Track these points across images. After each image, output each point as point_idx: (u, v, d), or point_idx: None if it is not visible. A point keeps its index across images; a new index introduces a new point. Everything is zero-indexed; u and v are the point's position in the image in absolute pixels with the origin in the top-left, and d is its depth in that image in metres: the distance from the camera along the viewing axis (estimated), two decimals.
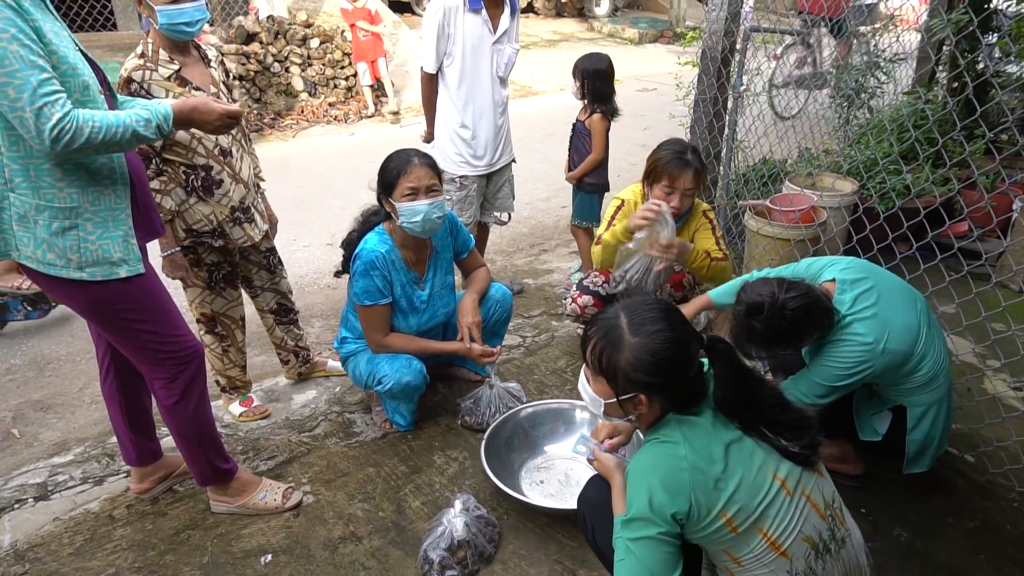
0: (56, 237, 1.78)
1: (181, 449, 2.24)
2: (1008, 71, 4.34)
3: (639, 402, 1.52)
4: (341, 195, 5.54)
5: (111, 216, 1.85)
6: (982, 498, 2.42)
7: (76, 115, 1.64)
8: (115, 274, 1.86)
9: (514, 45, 3.38)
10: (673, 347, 1.49)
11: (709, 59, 3.79)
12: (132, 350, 2.04)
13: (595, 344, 1.56)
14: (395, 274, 2.60)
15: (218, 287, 2.65)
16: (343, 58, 8.44)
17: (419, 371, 2.60)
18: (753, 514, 1.44)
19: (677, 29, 13.01)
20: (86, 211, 1.81)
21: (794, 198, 3.62)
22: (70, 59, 1.72)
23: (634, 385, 1.50)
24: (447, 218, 2.73)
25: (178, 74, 2.32)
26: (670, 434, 1.49)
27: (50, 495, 2.48)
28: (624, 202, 3.00)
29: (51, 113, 1.60)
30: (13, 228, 1.78)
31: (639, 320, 1.52)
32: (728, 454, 1.46)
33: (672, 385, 1.51)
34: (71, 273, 1.81)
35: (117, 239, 1.86)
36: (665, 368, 1.48)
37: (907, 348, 2.05)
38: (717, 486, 1.43)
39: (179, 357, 2.06)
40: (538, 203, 5.54)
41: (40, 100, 1.59)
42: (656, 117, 7.04)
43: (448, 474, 2.54)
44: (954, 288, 2.68)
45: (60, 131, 1.61)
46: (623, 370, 1.50)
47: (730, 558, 1.49)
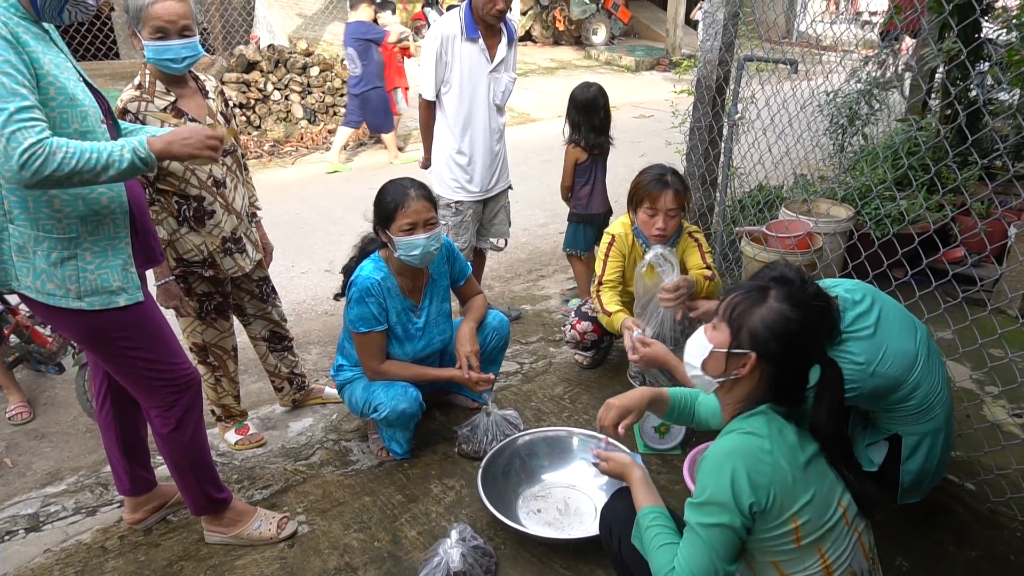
0: (55, 267, 1.78)
1: (175, 478, 2.22)
2: (1000, 98, 4.39)
3: (746, 362, 1.53)
4: (339, 222, 5.57)
5: (110, 245, 1.86)
6: (984, 527, 2.40)
7: (49, 142, 1.61)
8: (114, 303, 1.86)
9: (511, 74, 3.42)
10: (806, 328, 1.51)
11: (704, 88, 3.84)
12: (128, 378, 2.03)
13: (735, 297, 1.58)
14: (390, 302, 2.60)
15: (209, 317, 2.64)
16: (342, 86, 8.53)
17: (415, 399, 2.58)
18: (819, 531, 1.47)
19: (673, 57, 13.17)
20: (85, 241, 1.81)
21: (790, 224, 3.64)
22: (68, 89, 1.73)
23: (753, 341, 1.52)
24: (444, 247, 2.74)
25: (174, 105, 2.33)
26: (758, 428, 1.50)
27: (42, 526, 2.45)
28: (614, 237, 3.04)
29: (23, 138, 1.57)
30: (12, 259, 1.79)
31: (788, 295, 1.54)
32: (808, 466, 1.49)
33: (784, 363, 1.52)
34: (70, 303, 1.81)
35: (116, 268, 1.87)
36: (790, 340, 1.50)
37: (899, 374, 2.04)
38: (794, 489, 1.45)
39: (176, 385, 2.05)
40: (535, 229, 5.57)
41: (13, 125, 1.57)
42: (653, 144, 7.10)
43: (445, 503, 2.52)
44: (950, 314, 2.68)
45: (30, 156, 1.57)
46: (752, 324, 1.52)
47: (778, 572, 1.50)
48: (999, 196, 3.92)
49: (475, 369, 2.66)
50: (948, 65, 3.87)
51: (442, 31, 3.17)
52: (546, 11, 14.13)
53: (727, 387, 1.60)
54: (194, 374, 2.11)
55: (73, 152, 1.64)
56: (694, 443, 2.66)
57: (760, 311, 1.52)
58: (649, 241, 2.91)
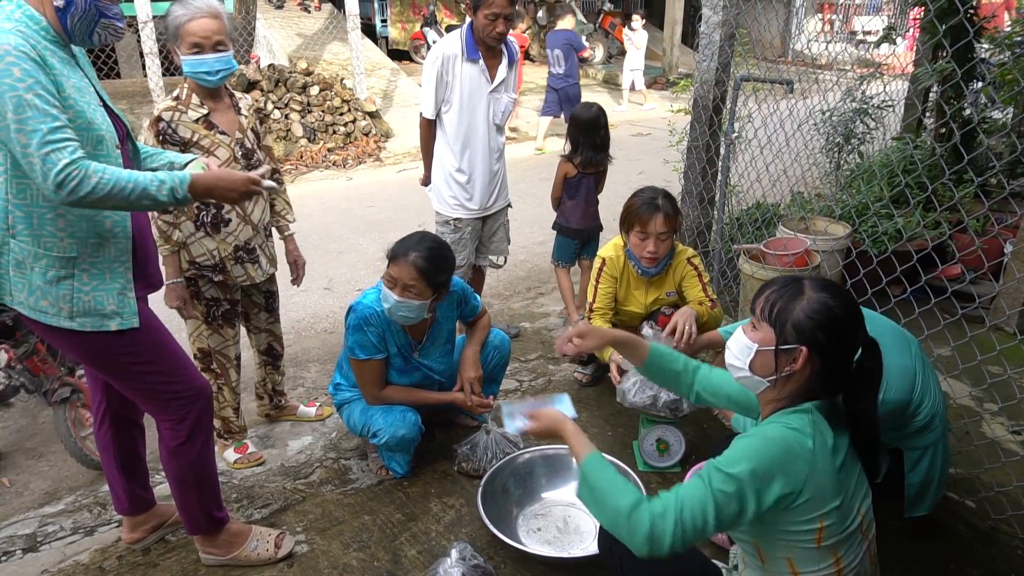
0: (50, 285, 1.79)
1: (176, 495, 2.20)
2: (994, 117, 4.44)
3: (797, 356, 1.49)
4: (339, 240, 5.58)
5: (109, 269, 1.87)
6: (985, 545, 2.39)
7: (86, 165, 1.65)
8: (105, 326, 1.86)
9: (511, 94, 3.46)
10: (849, 314, 1.49)
11: (701, 107, 3.87)
12: (137, 393, 2.04)
13: (770, 295, 1.55)
14: (390, 335, 2.58)
15: (215, 323, 2.68)
16: (342, 104, 8.60)
17: (414, 423, 2.58)
18: (840, 535, 1.47)
19: (670, 76, 13.29)
20: (84, 262, 1.82)
21: (787, 242, 3.66)
22: (87, 114, 1.76)
23: (800, 335, 1.48)
24: (456, 292, 2.72)
25: (206, 118, 2.45)
26: (802, 426, 1.48)
27: (39, 546, 2.43)
28: (605, 261, 3.06)
29: (57, 159, 1.62)
30: (9, 273, 1.80)
31: (824, 283, 1.53)
32: (841, 469, 1.48)
33: (834, 353, 1.50)
34: (62, 322, 1.82)
35: (112, 292, 1.87)
36: (836, 329, 1.48)
37: (905, 396, 2.05)
38: (827, 491, 1.45)
39: (184, 397, 2.04)
40: (534, 247, 5.58)
41: (48, 146, 1.61)
42: (650, 161, 7.15)
43: (444, 522, 2.51)
44: (949, 331, 2.69)
45: (66, 176, 1.62)
46: (795, 318, 1.49)
47: (790, 568, 1.50)
48: (995, 213, 3.95)
49: (476, 394, 2.67)
50: (943, 86, 3.91)
51: (443, 51, 3.21)
52: (544, 31, 14.27)
53: (779, 385, 1.55)
54: (204, 385, 2.11)
55: (109, 179, 1.67)
56: (694, 460, 2.65)
57: (801, 303, 1.50)
58: (641, 264, 2.93)
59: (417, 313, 2.47)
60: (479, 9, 3.12)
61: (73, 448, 2.76)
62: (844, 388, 1.54)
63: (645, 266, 2.93)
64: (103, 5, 1.76)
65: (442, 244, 2.57)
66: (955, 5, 2.98)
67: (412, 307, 2.44)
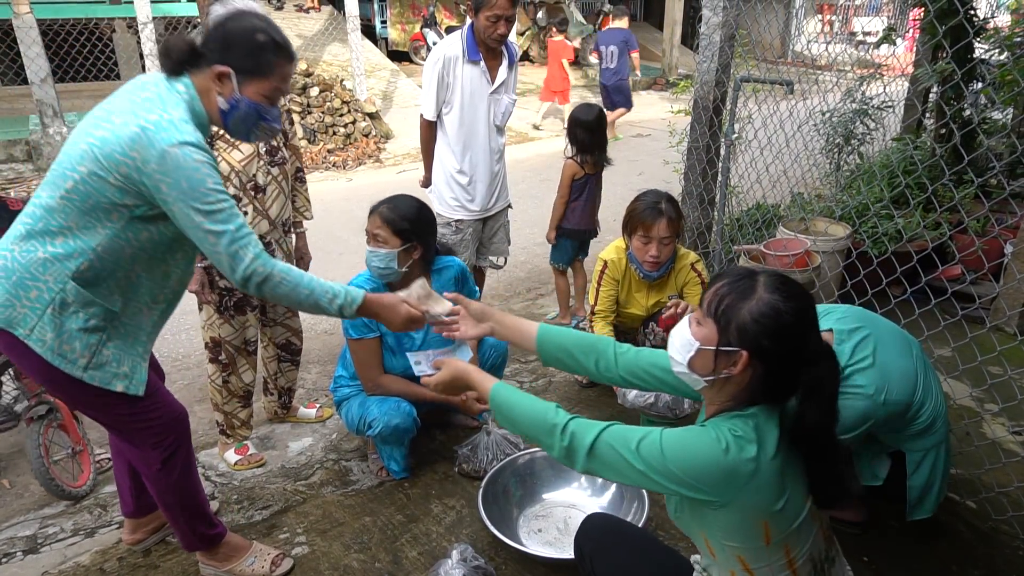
0: (83, 332, 1.78)
1: (165, 515, 2.17)
2: (994, 117, 4.44)
3: (737, 360, 1.41)
4: (339, 241, 5.58)
5: (135, 334, 1.89)
6: (986, 546, 2.39)
7: (272, 264, 1.79)
8: (111, 385, 1.85)
9: (511, 95, 3.46)
10: (799, 320, 1.40)
11: (701, 108, 3.88)
12: (111, 429, 2.05)
13: (720, 288, 1.46)
14: None
15: (227, 313, 2.70)
16: (342, 106, 8.60)
17: (408, 413, 2.58)
18: (788, 530, 1.44)
19: (670, 77, 13.29)
20: (120, 320, 1.84)
21: (788, 243, 3.66)
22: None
23: (743, 338, 1.40)
24: (455, 268, 2.75)
25: None
26: (745, 431, 1.41)
27: (40, 548, 2.43)
28: (607, 263, 3.06)
29: (244, 255, 1.75)
30: (45, 311, 1.74)
31: (779, 283, 1.43)
32: (785, 469, 1.43)
33: (776, 360, 1.41)
34: (73, 371, 1.79)
35: (132, 356, 1.88)
36: (783, 335, 1.39)
37: (907, 398, 2.04)
38: (768, 495, 1.40)
39: (160, 426, 1.99)
40: (534, 248, 5.58)
41: (236, 244, 1.74)
42: (651, 162, 7.15)
43: (445, 523, 2.51)
44: (949, 332, 2.69)
45: (252, 273, 1.76)
46: (740, 320, 1.40)
47: (742, 566, 1.49)
48: (995, 214, 3.95)
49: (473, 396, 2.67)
50: (943, 86, 3.91)
51: (444, 53, 3.22)
52: (543, 32, 14.27)
53: (717, 386, 1.48)
54: (179, 412, 2.06)
55: (289, 282, 1.82)
56: None
57: (749, 304, 1.40)
58: (643, 268, 2.93)
59: (386, 263, 2.51)
60: (480, 11, 3.12)
61: (41, 473, 2.56)
62: (789, 397, 1.46)
63: (647, 270, 2.93)
64: (263, 109, 1.83)
65: (413, 199, 2.60)
66: (955, 6, 2.98)
67: (380, 255, 2.50)
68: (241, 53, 1.77)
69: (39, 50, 7.10)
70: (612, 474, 1.50)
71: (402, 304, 2.02)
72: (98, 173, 1.67)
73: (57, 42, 8.98)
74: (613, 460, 1.48)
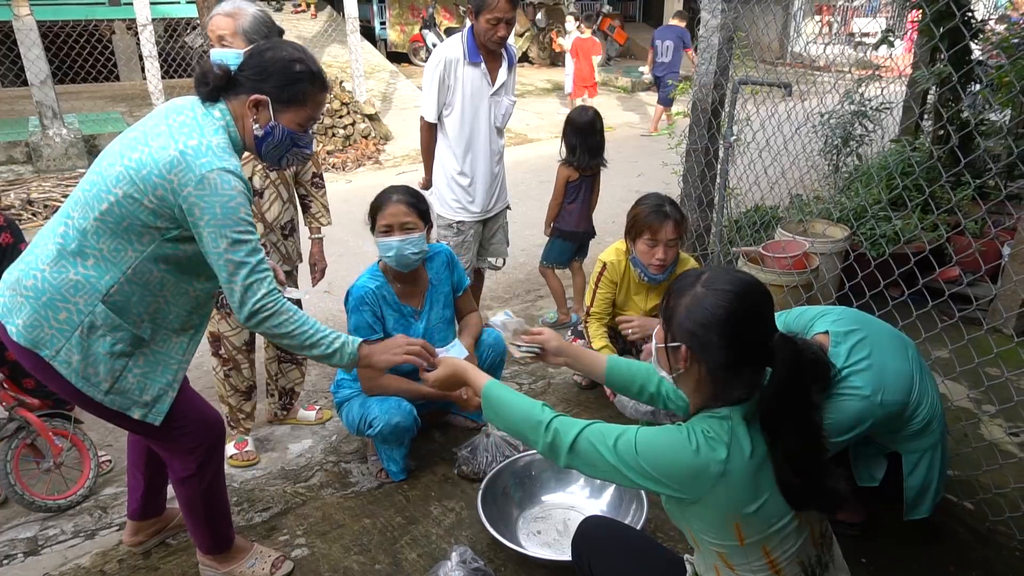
0: (110, 357, 1.79)
1: (187, 519, 2.17)
2: (991, 119, 4.45)
3: (681, 355, 1.46)
4: (338, 242, 5.59)
5: (164, 362, 1.89)
6: (983, 547, 2.40)
7: (281, 302, 1.81)
8: (130, 412, 1.86)
9: (511, 97, 3.48)
10: (730, 313, 1.41)
11: (700, 111, 3.88)
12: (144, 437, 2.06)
13: (670, 288, 1.53)
14: (387, 309, 2.64)
15: (224, 309, 2.74)
16: (341, 107, 8.61)
17: (408, 412, 2.59)
18: (765, 532, 1.43)
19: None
20: (148, 347, 1.85)
21: (786, 245, 3.67)
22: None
23: (681, 334, 1.45)
24: (444, 253, 2.82)
25: None
26: (718, 432, 1.42)
27: (40, 550, 2.44)
28: (606, 265, 3.08)
29: (258, 290, 1.77)
30: (73, 333, 1.75)
31: (715, 278, 1.46)
32: (760, 472, 1.42)
33: (714, 354, 1.42)
34: (94, 394, 1.81)
35: (157, 384, 1.88)
36: (713, 328, 1.41)
37: (903, 398, 2.05)
38: (739, 498, 1.41)
39: (194, 432, 2.01)
40: (533, 249, 5.58)
41: (253, 277, 1.76)
42: (650, 164, 7.15)
43: (445, 525, 2.52)
44: (947, 333, 2.70)
45: (261, 307, 1.78)
46: (677, 316, 1.46)
47: (723, 562, 1.50)
48: (992, 216, 3.96)
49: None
50: (941, 89, 3.93)
51: (445, 55, 3.23)
52: (543, 33, 14.31)
53: (681, 382, 1.53)
54: (216, 420, 2.08)
55: (294, 321, 1.84)
56: None
57: (686, 299, 1.45)
58: (648, 271, 2.94)
59: (420, 247, 2.59)
60: (481, 13, 3.13)
61: (11, 491, 2.54)
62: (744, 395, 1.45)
63: (653, 273, 2.93)
64: (297, 136, 1.86)
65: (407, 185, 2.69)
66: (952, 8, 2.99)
67: (415, 240, 2.57)
68: (278, 82, 1.80)
69: (39, 52, 7.10)
70: (591, 470, 1.56)
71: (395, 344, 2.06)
72: (133, 195, 1.69)
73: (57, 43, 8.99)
74: (592, 456, 1.53)
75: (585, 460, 1.55)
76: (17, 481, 2.56)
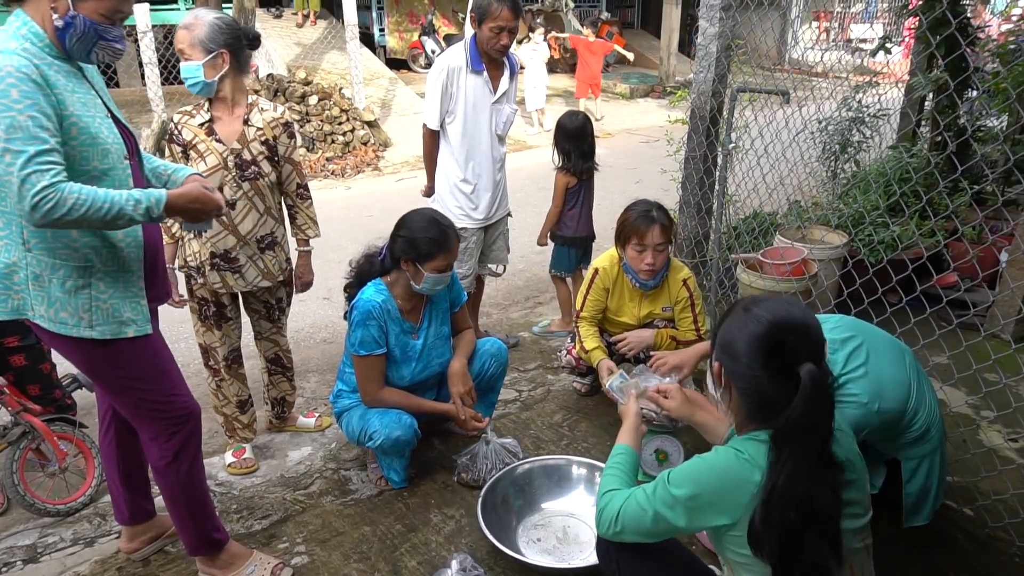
0: (69, 296, 1.82)
1: (172, 514, 2.19)
2: (988, 125, 4.47)
3: (715, 372, 1.56)
4: (337, 249, 5.59)
5: (123, 277, 1.91)
6: (983, 553, 2.40)
7: (62, 187, 1.66)
8: (123, 333, 1.90)
9: (512, 105, 3.50)
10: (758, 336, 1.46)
11: (698, 118, 3.90)
12: (129, 409, 2.05)
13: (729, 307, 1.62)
14: (391, 324, 2.63)
15: (208, 322, 2.76)
16: (340, 114, 8.63)
17: (409, 426, 2.59)
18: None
19: (667, 86, 13.35)
20: (99, 270, 1.86)
21: (785, 251, 3.68)
22: (91, 128, 1.79)
23: (717, 351, 1.55)
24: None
25: (209, 124, 2.56)
26: (753, 455, 1.47)
27: (39, 557, 2.44)
28: (598, 271, 3.10)
29: (36, 181, 1.63)
30: (29, 288, 1.82)
31: (760, 304, 1.52)
32: None
33: (742, 374, 1.48)
34: (82, 332, 1.85)
35: (127, 299, 1.91)
36: (741, 350, 1.47)
37: (900, 406, 2.06)
38: None
39: (174, 416, 2.05)
40: (533, 256, 5.59)
41: (30, 168, 1.63)
42: (648, 170, 7.17)
43: (444, 533, 2.52)
44: (945, 339, 2.71)
45: (41, 199, 1.63)
46: (719, 333, 1.55)
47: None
48: (990, 222, 3.97)
49: (468, 407, 2.72)
50: (938, 96, 3.94)
51: (448, 63, 3.25)
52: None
53: (723, 398, 1.59)
54: (193, 407, 2.11)
55: (84, 199, 1.68)
56: None
57: (729, 318, 1.55)
58: (639, 277, 2.95)
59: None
60: (484, 22, 3.15)
61: (17, 496, 2.56)
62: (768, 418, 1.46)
63: (643, 279, 2.95)
64: (102, 28, 1.79)
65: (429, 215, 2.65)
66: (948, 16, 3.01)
67: (453, 274, 2.71)
68: None
69: None
70: (644, 530, 1.63)
71: (212, 192, 1.94)
72: None
73: None
74: (636, 520, 1.62)
75: (633, 526, 1.62)
76: (23, 485, 2.58)
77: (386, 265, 2.67)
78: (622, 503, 1.64)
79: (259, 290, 2.78)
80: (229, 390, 2.86)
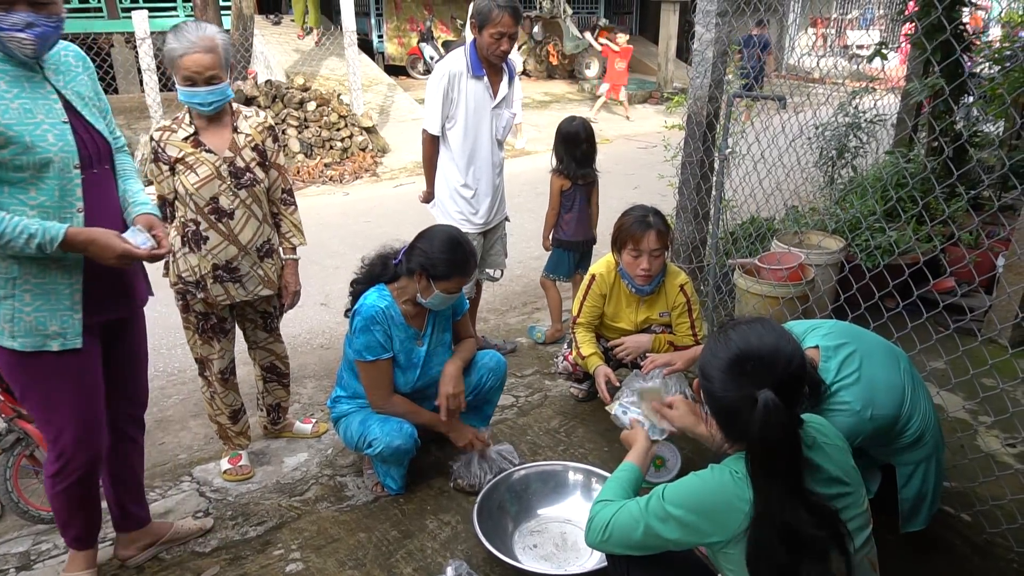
0: None
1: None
2: (984, 131, 4.48)
3: (694, 387, 1.62)
4: (335, 255, 5.60)
5: (54, 290, 1.86)
6: (981, 559, 2.40)
7: None
8: (47, 346, 1.87)
9: (511, 110, 3.52)
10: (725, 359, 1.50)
11: (695, 124, 3.91)
12: (38, 419, 2.05)
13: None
14: (395, 329, 2.62)
15: (205, 335, 2.73)
16: (339, 120, 8.63)
17: (410, 435, 2.59)
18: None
19: (665, 91, 13.37)
20: (26, 282, 1.83)
21: (782, 256, 3.68)
22: (24, 137, 1.74)
23: (698, 371, 1.58)
24: None
25: (195, 136, 2.50)
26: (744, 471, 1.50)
27: (33, 564, 2.42)
28: (595, 277, 3.10)
29: None
30: None
31: (739, 327, 1.56)
32: None
33: (710, 394, 1.53)
34: (4, 341, 1.84)
35: (56, 312, 1.87)
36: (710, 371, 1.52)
37: (894, 412, 2.05)
38: None
39: (64, 436, 1.98)
40: (530, 261, 5.59)
41: None
42: (646, 176, 7.17)
43: (440, 539, 2.51)
44: (942, 344, 2.71)
45: None
46: (701, 355, 1.59)
47: None
48: (986, 227, 3.98)
49: (455, 412, 2.70)
50: (934, 101, 3.95)
51: (449, 69, 3.26)
52: (540, 46, 14.37)
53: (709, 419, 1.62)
54: (74, 455, 2.01)
55: None
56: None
57: (710, 339, 1.59)
58: (635, 282, 2.95)
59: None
60: (484, 28, 3.16)
61: (10, 502, 2.54)
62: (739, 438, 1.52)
63: (639, 284, 2.95)
64: None
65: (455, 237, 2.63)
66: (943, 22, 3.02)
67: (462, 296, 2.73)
68: None
69: None
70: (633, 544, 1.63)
71: (115, 238, 1.85)
72: None
73: None
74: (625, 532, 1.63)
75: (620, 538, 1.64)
76: (16, 492, 2.56)
77: (399, 271, 2.65)
78: (614, 512, 1.65)
79: (258, 299, 2.76)
80: (223, 401, 2.85)
